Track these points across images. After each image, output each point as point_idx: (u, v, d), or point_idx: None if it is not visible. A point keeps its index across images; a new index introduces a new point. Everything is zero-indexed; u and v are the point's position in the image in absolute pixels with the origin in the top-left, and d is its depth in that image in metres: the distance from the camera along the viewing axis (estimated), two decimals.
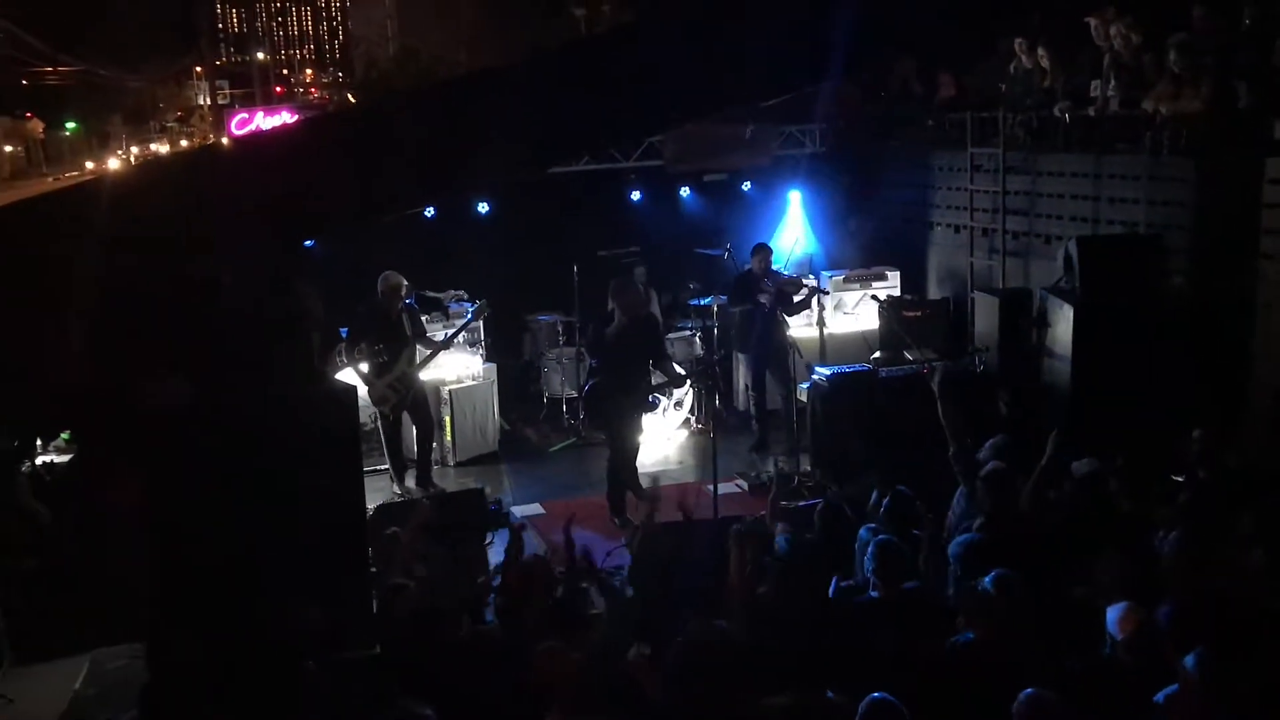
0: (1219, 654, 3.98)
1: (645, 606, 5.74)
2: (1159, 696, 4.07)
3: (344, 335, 9.65)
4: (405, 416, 9.68)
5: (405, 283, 9.62)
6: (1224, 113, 8.59)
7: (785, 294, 10.29)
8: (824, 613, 5.27)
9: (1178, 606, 4.37)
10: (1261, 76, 8.50)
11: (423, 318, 10.07)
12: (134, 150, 54.86)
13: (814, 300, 10.48)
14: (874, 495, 6.75)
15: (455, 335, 10.12)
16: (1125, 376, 8.16)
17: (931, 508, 6.33)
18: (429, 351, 9.79)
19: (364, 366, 9.34)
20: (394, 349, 9.40)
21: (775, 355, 10.27)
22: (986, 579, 4.76)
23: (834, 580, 5.77)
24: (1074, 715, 3.94)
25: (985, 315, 9.70)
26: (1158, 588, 5.01)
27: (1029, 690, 3.94)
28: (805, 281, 10.66)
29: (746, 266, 10.46)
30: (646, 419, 9.45)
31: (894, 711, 3.99)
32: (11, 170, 46.24)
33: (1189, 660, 3.99)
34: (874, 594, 5.29)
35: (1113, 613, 4.82)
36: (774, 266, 10.62)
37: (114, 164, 43.10)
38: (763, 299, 10.17)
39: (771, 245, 10.92)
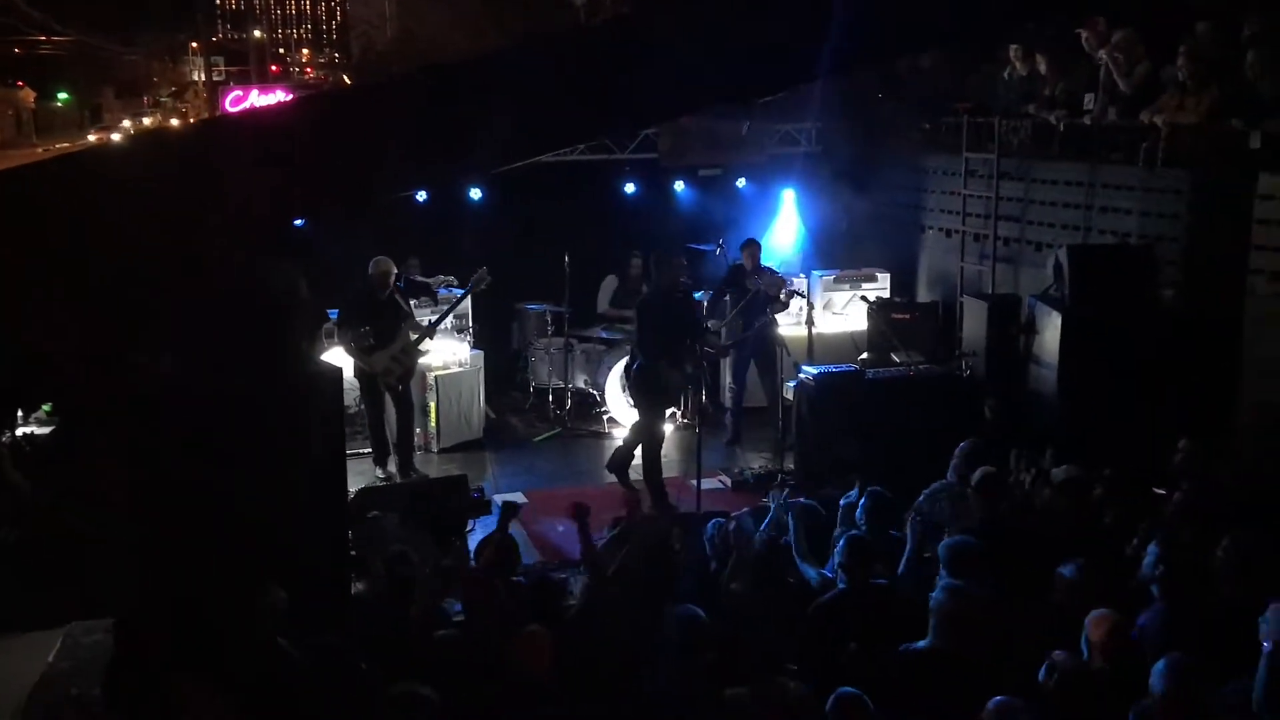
0: (1190, 664, 3.98)
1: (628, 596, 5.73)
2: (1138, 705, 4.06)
3: (332, 317, 9.62)
4: (388, 400, 9.65)
5: (395, 270, 9.60)
6: (1220, 126, 8.58)
7: (767, 292, 10.29)
8: (792, 606, 5.29)
9: (1158, 615, 4.37)
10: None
11: (411, 302, 10.02)
12: (126, 124, 54.44)
13: (791, 303, 10.47)
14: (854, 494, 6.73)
15: (454, 309, 10.07)
16: (1112, 387, 8.17)
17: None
18: (424, 328, 9.72)
19: (353, 347, 9.32)
20: (381, 332, 9.36)
21: (762, 352, 10.27)
22: (936, 591, 4.76)
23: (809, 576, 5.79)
24: None
25: (974, 320, 9.69)
26: (1134, 596, 5.03)
27: (998, 698, 3.94)
28: (788, 285, 10.62)
29: (737, 260, 10.45)
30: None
31: (861, 707, 4.00)
32: (1, 139, 45.90)
33: (1156, 669, 3.98)
34: (842, 587, 5.30)
35: (1088, 619, 4.82)
36: (764, 263, 10.60)
37: (116, 137, 42.77)
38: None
39: (761, 241, 10.90)
